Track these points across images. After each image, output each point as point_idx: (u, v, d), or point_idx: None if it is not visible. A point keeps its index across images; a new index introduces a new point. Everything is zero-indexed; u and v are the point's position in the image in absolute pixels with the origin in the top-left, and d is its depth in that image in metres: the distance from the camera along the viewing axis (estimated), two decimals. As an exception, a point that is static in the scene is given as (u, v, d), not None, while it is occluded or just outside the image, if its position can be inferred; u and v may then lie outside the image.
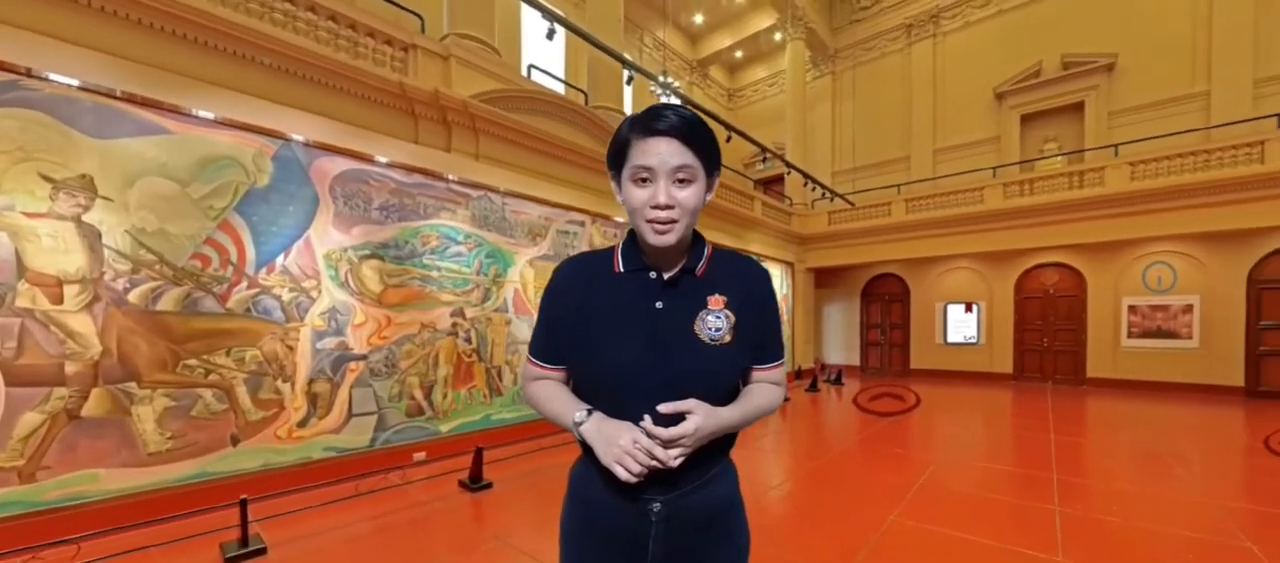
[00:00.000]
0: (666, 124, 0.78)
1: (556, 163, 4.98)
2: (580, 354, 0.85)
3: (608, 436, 0.76)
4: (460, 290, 4.30)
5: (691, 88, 13.62)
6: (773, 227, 9.65)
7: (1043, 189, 8.54)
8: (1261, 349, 7.81)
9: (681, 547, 0.83)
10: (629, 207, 0.82)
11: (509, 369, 4.72)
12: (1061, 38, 9.82)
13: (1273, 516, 3.26)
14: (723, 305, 0.84)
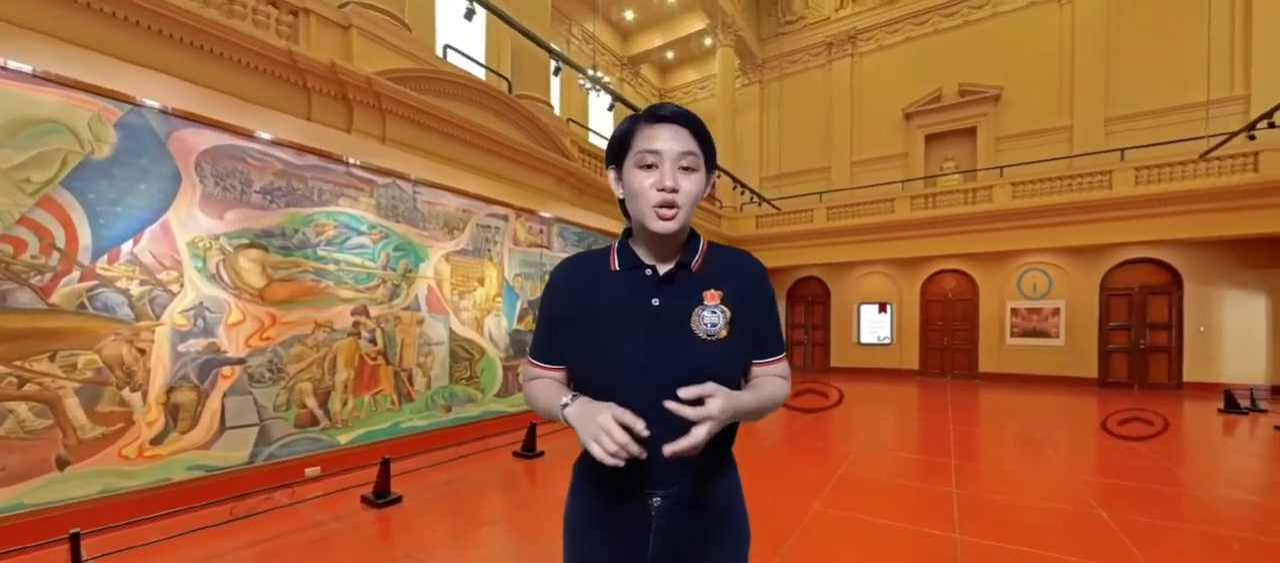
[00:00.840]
0: (671, 113, 0.81)
1: (477, 152, 4.70)
2: (580, 354, 0.86)
3: (587, 415, 0.75)
4: (364, 286, 3.92)
5: (623, 85, 13.61)
6: (704, 227, 9.86)
7: (943, 203, 9.42)
8: (1109, 346, 9.18)
9: (682, 540, 0.83)
10: (632, 193, 0.82)
11: (421, 373, 4.37)
12: (959, 68, 10.93)
13: (1114, 486, 3.82)
14: (719, 301, 0.84)
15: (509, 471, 4.00)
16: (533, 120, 5.32)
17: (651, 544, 0.82)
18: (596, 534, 0.86)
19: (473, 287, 4.83)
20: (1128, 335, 9.06)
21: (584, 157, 6.65)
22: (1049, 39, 10.25)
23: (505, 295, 5.21)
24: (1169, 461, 4.54)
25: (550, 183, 5.73)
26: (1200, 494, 3.69)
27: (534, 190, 5.47)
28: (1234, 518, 3.24)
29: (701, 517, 0.84)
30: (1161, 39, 9.25)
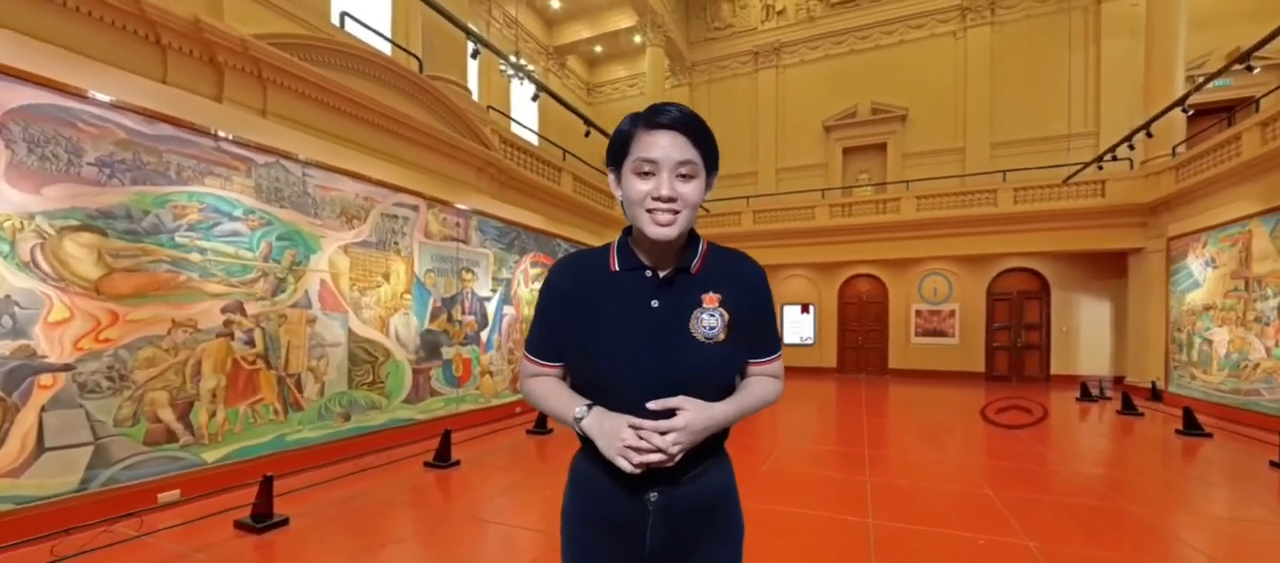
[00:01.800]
0: (670, 118, 0.79)
1: (382, 135, 4.33)
2: (577, 353, 0.87)
3: (609, 430, 0.78)
4: (239, 280, 3.43)
5: (547, 75, 13.32)
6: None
7: (858, 212, 10.13)
8: (994, 345, 10.37)
9: (678, 536, 0.85)
10: (629, 199, 0.82)
11: (313, 378, 3.92)
12: (872, 88, 11.86)
13: (995, 466, 4.28)
14: (717, 304, 0.84)
15: (419, 483, 3.70)
16: (448, 105, 5.01)
17: (649, 540, 0.84)
18: (594, 530, 0.88)
19: (376, 282, 4.42)
20: (1009, 335, 10.28)
21: (506, 147, 6.38)
22: (946, 69, 11.41)
23: (415, 292, 4.83)
24: (1039, 443, 5.15)
25: (469, 173, 5.43)
26: (1061, 470, 4.21)
27: (449, 180, 5.15)
28: (1087, 489, 3.73)
29: (697, 512, 0.86)
30: (1034, 79, 10.68)
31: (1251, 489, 3.79)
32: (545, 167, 7.24)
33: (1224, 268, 6.49)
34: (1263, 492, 3.74)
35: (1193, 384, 6.96)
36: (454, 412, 5.24)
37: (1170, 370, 7.48)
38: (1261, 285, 5.88)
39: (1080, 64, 10.42)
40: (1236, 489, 3.81)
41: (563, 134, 10.18)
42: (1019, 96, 10.75)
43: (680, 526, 0.85)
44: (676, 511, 0.84)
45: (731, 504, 0.91)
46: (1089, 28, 10.41)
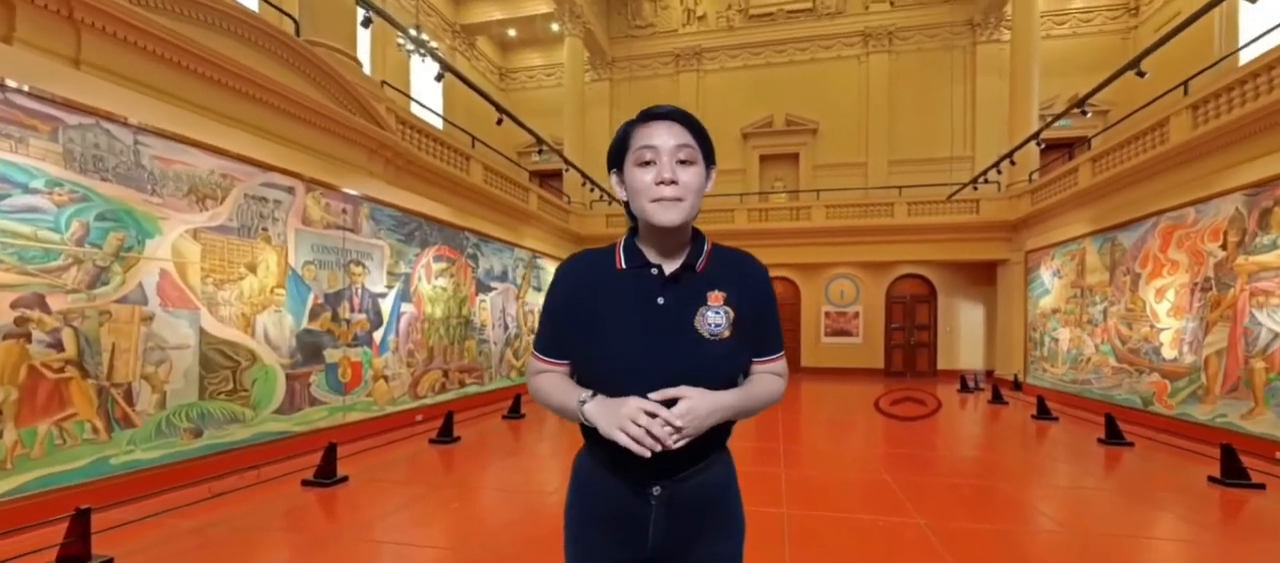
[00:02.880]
0: (665, 111, 0.84)
1: (247, 104, 3.77)
2: (583, 350, 0.89)
3: (610, 409, 0.78)
4: (38, 267, 2.78)
5: (454, 54, 12.52)
6: (550, 223, 9.56)
7: (773, 217, 10.66)
8: (892, 343, 11.44)
9: (680, 530, 0.86)
10: (634, 191, 0.84)
11: (150, 387, 3.28)
12: (787, 100, 12.57)
13: (890, 453, 4.64)
14: (722, 301, 0.86)
15: (296, 504, 3.25)
16: (333, 76, 4.49)
17: (651, 535, 0.86)
18: (597, 525, 0.90)
19: (238, 274, 3.82)
20: (904, 334, 11.40)
21: (405, 129, 5.87)
22: (852, 89, 12.42)
23: (290, 287, 4.25)
24: (928, 430, 5.71)
25: (359, 155, 4.92)
26: (945, 455, 4.70)
27: (335, 161, 4.62)
28: (965, 470, 4.21)
29: (699, 507, 0.87)
30: (924, 105, 11.97)
31: (1084, 463, 4.46)
32: (452, 153, 6.77)
33: (1066, 278, 7.62)
34: (1093, 465, 4.41)
35: (1044, 376, 8.10)
36: (340, 422, 4.70)
37: (1028, 365, 8.65)
38: (1092, 293, 6.96)
39: (960, 96, 11.83)
40: (1074, 464, 4.46)
41: (472, 120, 9.62)
42: (912, 120, 11.96)
43: (682, 521, 0.86)
44: (679, 505, 0.86)
45: (733, 500, 0.93)
46: (967, 65, 11.86)
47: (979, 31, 11.68)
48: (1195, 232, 5.26)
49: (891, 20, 12.18)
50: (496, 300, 7.66)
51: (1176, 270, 5.49)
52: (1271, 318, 4.40)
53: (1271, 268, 4.41)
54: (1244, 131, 4.86)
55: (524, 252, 8.55)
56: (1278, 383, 4.31)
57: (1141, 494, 3.65)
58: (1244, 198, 4.72)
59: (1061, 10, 11.30)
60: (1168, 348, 5.56)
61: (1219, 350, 4.90)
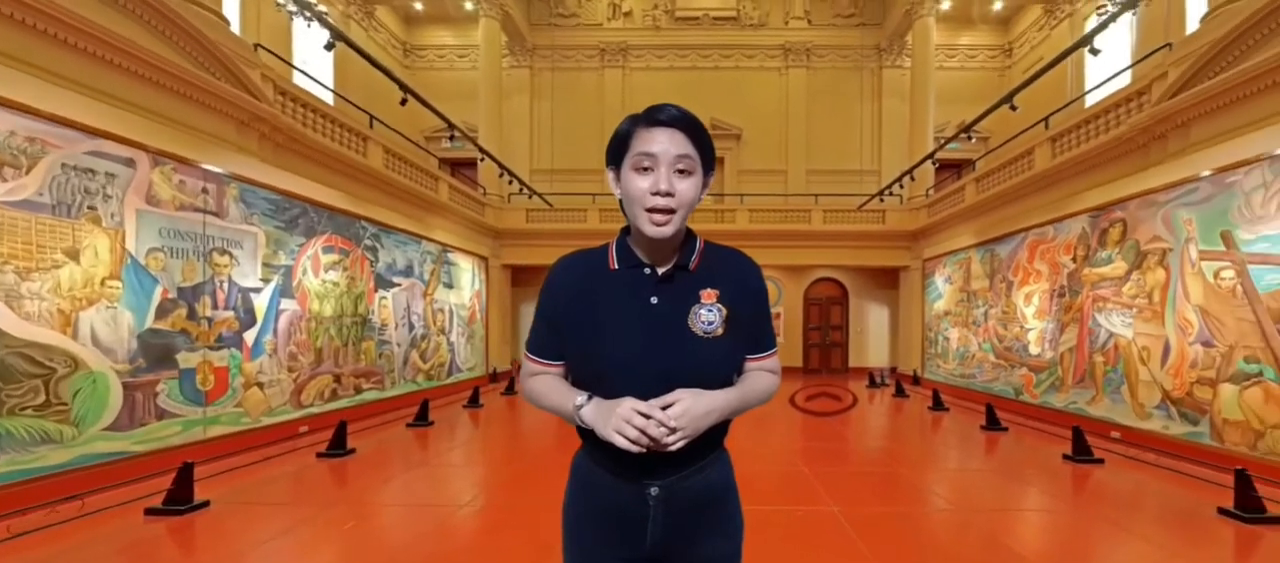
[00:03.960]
0: (669, 116, 0.84)
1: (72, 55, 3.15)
2: (578, 351, 0.91)
3: (606, 410, 0.81)
4: None
5: (348, 22, 11.43)
6: (462, 215, 9.08)
7: (699, 219, 10.96)
8: (810, 342, 12.42)
9: (678, 529, 0.88)
10: (628, 196, 0.86)
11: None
12: (713, 104, 13.06)
13: (807, 447, 4.97)
14: (715, 299, 0.88)
15: (137, 538, 2.77)
16: (191, 33, 3.92)
17: (649, 533, 0.87)
18: (595, 525, 0.92)
19: (52, 262, 3.15)
20: (820, 334, 12.44)
21: (287, 102, 5.27)
22: (773, 99, 13.24)
23: (129, 278, 3.60)
24: (840, 423, 6.24)
25: (227, 126, 4.34)
26: (855, 445, 5.15)
27: (193, 132, 4.04)
28: (872, 458, 4.66)
29: (697, 506, 0.89)
30: (838, 120, 13.11)
31: (969, 448, 5.13)
32: (345, 133, 6.19)
33: (955, 284, 8.70)
34: (976, 449, 5.05)
35: (939, 371, 9.17)
36: (199, 438, 4.08)
37: (925, 361, 9.75)
38: (976, 298, 8.01)
39: (869, 114, 13.11)
40: (961, 449, 5.10)
41: (371, 98, 8.85)
42: (827, 132, 13.03)
43: (681, 520, 0.88)
44: (677, 505, 0.87)
45: (732, 500, 0.95)
46: (875, 87, 13.19)
47: (885, 57, 13.02)
48: (1054, 246, 6.25)
49: (809, 37, 13.17)
50: (400, 297, 7.11)
51: (1040, 279, 6.48)
52: (1108, 320, 5.33)
53: (1108, 278, 5.35)
54: (1089, 163, 5.86)
55: (433, 245, 8.03)
56: (1113, 374, 5.24)
57: (1012, 473, 4.25)
58: (1089, 219, 5.69)
59: (952, 45, 12.95)
60: (1033, 345, 6.55)
61: (1071, 347, 5.87)
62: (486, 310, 10.14)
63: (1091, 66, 8.80)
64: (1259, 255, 3.89)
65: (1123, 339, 5.13)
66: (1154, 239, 4.82)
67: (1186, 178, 4.50)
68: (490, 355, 10.19)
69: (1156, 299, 4.76)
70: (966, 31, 12.95)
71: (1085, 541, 2.89)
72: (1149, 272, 4.86)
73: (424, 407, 6.03)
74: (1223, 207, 4.17)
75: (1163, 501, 3.52)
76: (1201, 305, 4.32)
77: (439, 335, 8.16)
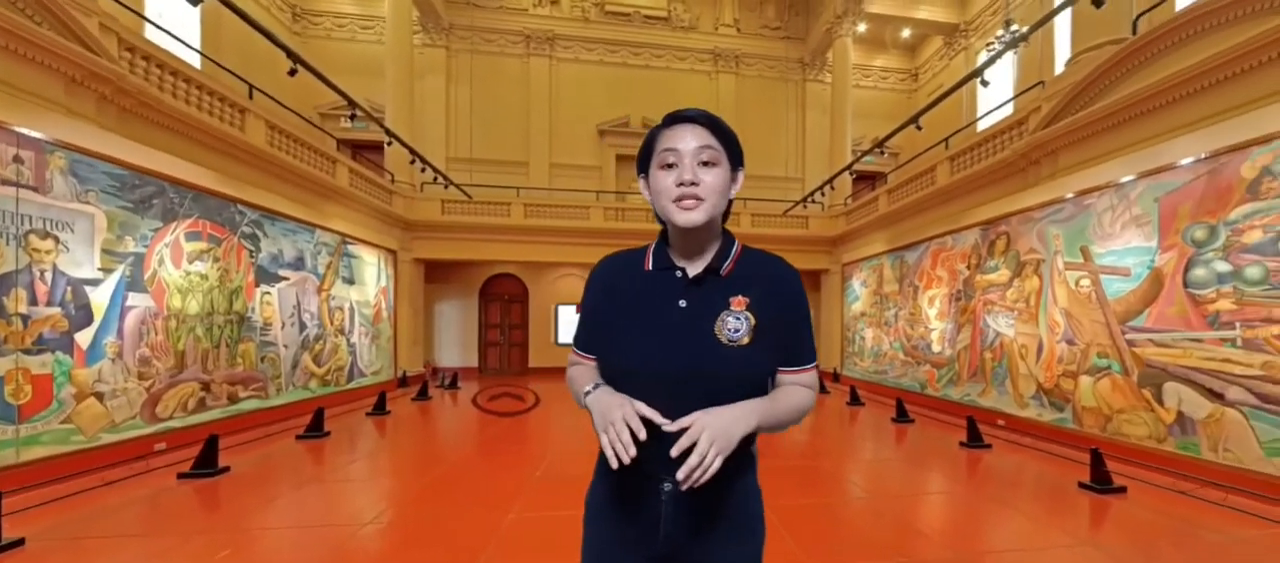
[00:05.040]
0: (690, 114, 0.91)
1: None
2: (604, 349, 0.96)
3: (603, 407, 0.83)
4: None
5: None
6: (366, 203, 8.48)
7: (630, 217, 11.21)
8: None
9: (692, 529, 0.90)
10: (657, 193, 0.91)
11: None
12: (645, 103, 13.39)
13: None
14: (744, 307, 0.89)
15: None
16: None
17: (662, 529, 0.89)
18: (612, 518, 0.94)
19: None
20: None
21: (135, 59, 4.73)
22: (704, 102, 13.75)
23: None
24: None
25: (52, 84, 3.84)
26: (778, 441, 5.44)
27: (4, 88, 3.50)
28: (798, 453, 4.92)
29: (712, 505, 0.90)
30: (766, 127, 14.00)
31: (882, 440, 5.73)
32: (217, 102, 5.60)
33: (870, 287, 9.67)
34: (888, 440, 5.67)
35: (856, 368, 10.11)
36: (10, 463, 3.51)
37: (844, 359, 10.70)
38: (888, 300, 8.97)
39: (794, 124, 14.16)
40: (875, 440, 5.69)
41: (250, 66, 8.03)
42: (755, 139, 13.84)
43: (693, 519, 0.90)
44: (688, 504, 0.89)
45: (753, 503, 0.96)
46: (799, 98, 14.27)
47: (808, 70, 14.16)
48: (952, 254, 7.21)
49: (738, 45, 13.97)
50: (288, 293, 6.51)
51: (941, 284, 7.44)
52: (995, 321, 6.27)
53: (994, 284, 6.29)
54: (980, 182, 6.85)
55: (330, 235, 7.44)
56: (999, 369, 6.16)
57: (918, 460, 4.85)
58: (980, 231, 6.64)
59: (867, 65, 14.40)
60: (935, 344, 7.49)
61: (966, 346, 6.80)
62: (395, 309, 9.55)
63: (983, 96, 10.27)
64: (1108, 267, 4.81)
65: (1007, 338, 6.06)
66: (1030, 251, 5.76)
67: (1055, 199, 5.44)
68: (399, 358, 9.60)
69: (1032, 303, 5.69)
70: (880, 54, 14.47)
71: (975, 518, 3.41)
72: (1026, 279, 5.79)
73: (318, 416, 5.59)
74: (1082, 225, 5.10)
75: (1036, 478, 4.23)
76: (1066, 309, 5.25)
77: (337, 336, 7.57)
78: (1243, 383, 3.71)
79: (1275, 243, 3.55)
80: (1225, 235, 3.85)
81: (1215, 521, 3.25)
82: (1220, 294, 3.87)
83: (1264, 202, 3.63)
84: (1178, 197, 4.21)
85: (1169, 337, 4.23)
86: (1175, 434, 4.17)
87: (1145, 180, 4.49)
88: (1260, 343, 3.62)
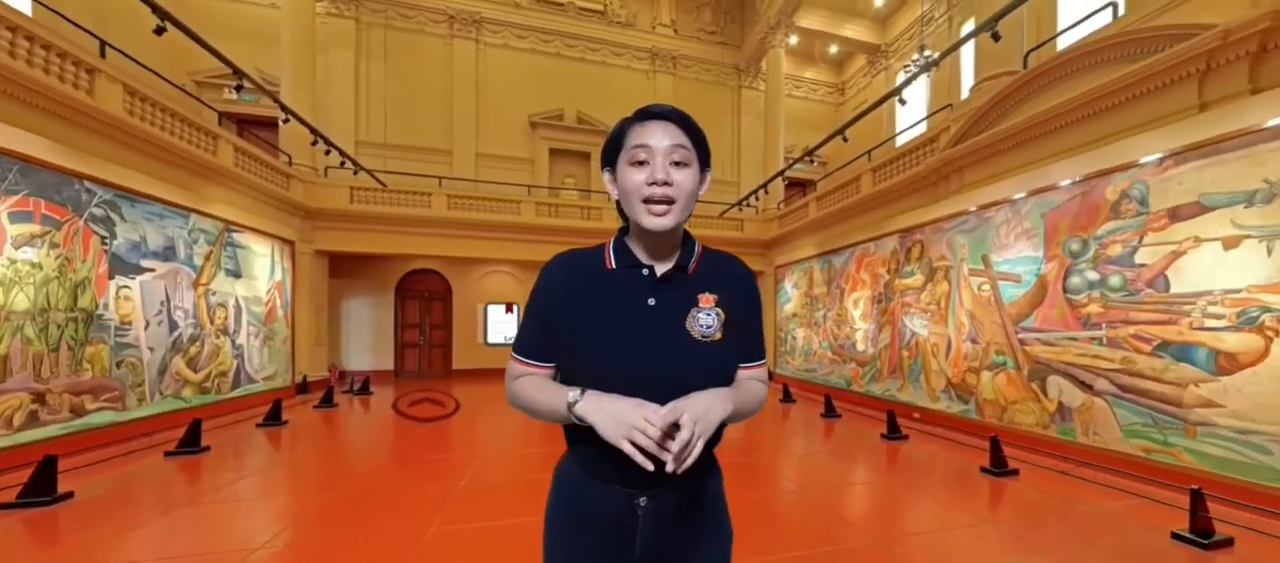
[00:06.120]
0: (662, 111, 0.92)
1: None
2: (574, 353, 0.94)
3: (614, 413, 0.81)
4: None
5: None
6: (257, 186, 7.79)
7: (564, 214, 11.25)
8: None
9: (667, 539, 0.92)
10: (625, 191, 0.92)
11: None
12: (579, 97, 13.52)
13: None
14: (714, 303, 0.93)
15: None
16: None
17: (638, 544, 0.91)
18: (583, 535, 0.94)
19: None
20: None
21: None
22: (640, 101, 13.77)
23: None
24: None
25: None
26: None
27: None
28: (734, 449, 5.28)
29: (686, 516, 0.94)
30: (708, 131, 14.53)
31: (812, 434, 6.27)
32: (56, 58, 4.98)
33: (801, 289, 10.45)
34: (817, 435, 6.22)
35: (788, 367, 10.85)
36: None
37: (777, 358, 11.43)
38: (817, 302, 9.75)
39: (730, 128, 14.93)
40: (805, 436, 6.22)
41: (104, 20, 7.23)
42: (695, 142, 14.45)
43: (670, 528, 0.92)
44: (666, 513, 0.92)
45: (720, 507, 1.01)
46: (735, 104, 15.07)
47: (743, 77, 15.00)
48: (875, 259, 8.02)
49: (675, 46, 14.50)
50: (154, 287, 5.89)
51: (865, 287, 8.24)
52: (911, 322, 7.07)
53: (911, 288, 7.10)
54: (899, 193, 7.70)
55: (210, 221, 6.81)
56: (914, 366, 6.96)
57: (844, 453, 5.39)
58: (899, 238, 7.46)
59: (798, 77, 15.50)
60: (860, 343, 8.28)
61: (886, 345, 7.59)
62: (293, 306, 8.86)
63: (902, 113, 11.46)
64: (1004, 274, 5.64)
65: (921, 338, 6.87)
66: (941, 258, 6.58)
67: (961, 211, 6.27)
68: (299, 361, 8.95)
69: (942, 306, 6.51)
70: (810, 67, 15.65)
71: (894, 504, 3.90)
72: (938, 284, 6.61)
73: (194, 429, 5.08)
74: (984, 235, 5.93)
75: (945, 465, 4.87)
76: (970, 311, 6.06)
77: (219, 337, 6.92)
78: (1107, 376, 4.54)
79: (1131, 256, 4.40)
80: (1094, 248, 4.69)
81: (1088, 495, 3.96)
82: (1090, 299, 4.70)
83: (1123, 220, 4.47)
84: (1059, 213, 5.06)
85: (1052, 336, 5.05)
86: (1057, 421, 4.99)
87: (1034, 198, 5.32)
88: (1120, 341, 4.44)
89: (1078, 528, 3.35)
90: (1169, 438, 4.06)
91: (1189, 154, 3.99)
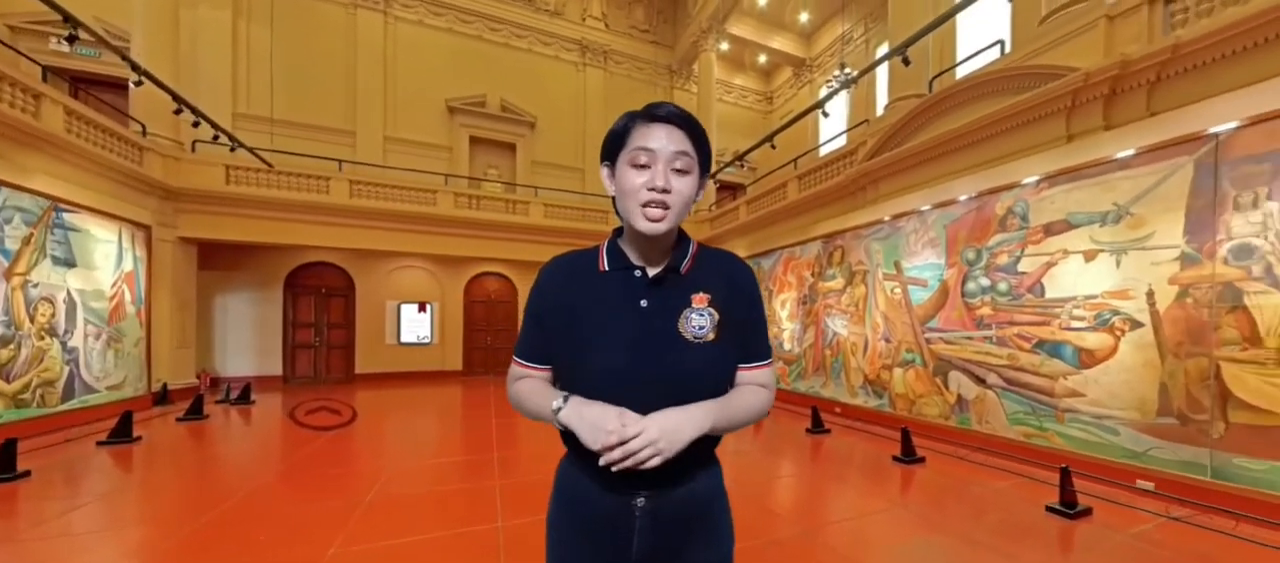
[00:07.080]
0: (667, 113, 0.94)
1: None
2: (567, 355, 0.97)
3: (592, 420, 0.87)
4: None
5: None
6: (96, 157, 6.92)
7: (486, 207, 11.17)
8: None
9: (666, 540, 0.94)
10: (623, 191, 0.94)
11: None
12: (503, 84, 13.43)
13: None
14: (707, 303, 0.96)
15: None
16: None
17: (636, 545, 0.95)
18: (581, 536, 0.98)
19: None
20: None
21: None
22: (570, 94, 14.39)
23: None
24: None
25: None
26: None
27: None
28: None
29: (685, 517, 0.97)
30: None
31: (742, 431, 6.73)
32: None
33: (725, 294, 11.10)
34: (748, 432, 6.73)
35: None
36: None
37: None
38: (741, 306, 10.42)
39: (657, 126, 15.47)
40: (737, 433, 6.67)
41: None
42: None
43: (668, 530, 0.95)
44: (664, 515, 0.95)
45: (720, 510, 1.04)
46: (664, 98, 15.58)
47: (675, 78, 15.64)
48: (800, 262, 8.79)
49: (606, 41, 14.84)
50: None
51: (791, 289, 9.00)
52: (833, 323, 7.86)
53: (832, 290, 7.90)
54: (822, 200, 8.52)
55: (30, 197, 5.94)
56: (836, 364, 7.75)
57: (772, 448, 5.92)
58: (822, 243, 8.26)
59: (729, 82, 16.42)
60: (787, 342, 9.02)
61: (810, 344, 8.37)
62: (148, 303, 7.89)
63: (825, 125, 12.59)
64: (913, 278, 6.49)
65: (842, 337, 7.67)
66: (859, 263, 7.41)
67: (876, 220, 7.11)
68: (156, 366, 8.01)
69: (860, 307, 7.33)
70: (740, 74, 16.62)
71: (817, 495, 4.41)
72: (856, 287, 7.43)
73: (7, 450, 4.38)
74: (896, 242, 6.78)
75: (863, 456, 5.53)
76: (884, 313, 6.90)
77: (42, 339, 6.05)
78: (997, 370, 5.42)
79: (1015, 265, 5.30)
80: (986, 257, 5.58)
81: (982, 477, 4.71)
82: (983, 303, 5.58)
83: (1008, 233, 5.38)
84: (958, 225, 5.94)
85: (952, 335, 5.91)
86: (956, 412, 5.85)
87: (937, 210, 6.20)
88: (1007, 340, 5.33)
89: (972, 507, 3.98)
90: (1044, 424, 4.95)
91: (1059, 178, 4.92)
